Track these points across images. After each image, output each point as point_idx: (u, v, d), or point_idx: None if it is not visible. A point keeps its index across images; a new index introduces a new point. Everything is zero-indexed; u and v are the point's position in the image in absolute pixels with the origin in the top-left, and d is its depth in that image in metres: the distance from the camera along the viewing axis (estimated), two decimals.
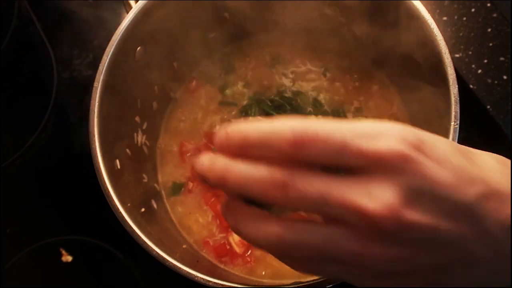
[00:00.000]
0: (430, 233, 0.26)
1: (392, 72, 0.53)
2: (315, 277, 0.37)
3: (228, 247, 0.50)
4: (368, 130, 0.26)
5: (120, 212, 0.40)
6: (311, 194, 0.25)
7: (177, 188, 0.53)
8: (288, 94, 0.55)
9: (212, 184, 0.27)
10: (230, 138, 0.27)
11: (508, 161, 0.29)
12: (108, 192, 0.40)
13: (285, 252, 0.27)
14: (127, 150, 0.48)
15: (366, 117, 0.53)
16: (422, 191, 0.25)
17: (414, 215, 0.25)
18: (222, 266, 0.49)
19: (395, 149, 0.25)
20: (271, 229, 0.26)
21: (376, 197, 0.25)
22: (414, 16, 0.44)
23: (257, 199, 0.26)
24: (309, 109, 0.54)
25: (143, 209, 0.46)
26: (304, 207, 0.26)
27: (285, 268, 0.49)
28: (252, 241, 0.27)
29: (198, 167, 0.28)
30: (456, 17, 0.59)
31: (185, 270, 0.38)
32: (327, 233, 0.26)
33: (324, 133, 0.25)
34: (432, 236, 0.26)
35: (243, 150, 0.27)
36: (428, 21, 0.43)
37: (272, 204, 0.27)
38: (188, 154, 0.54)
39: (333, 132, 0.25)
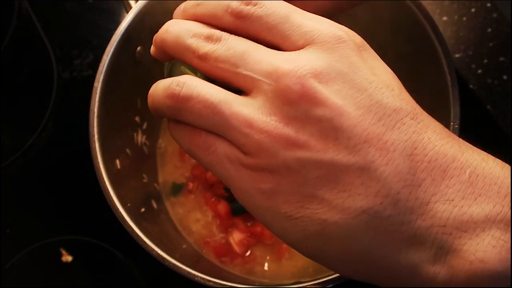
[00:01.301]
0: (334, 117, 0.23)
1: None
2: (315, 278, 0.37)
3: (228, 247, 0.50)
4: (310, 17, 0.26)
5: (120, 212, 0.40)
6: (237, 48, 0.26)
7: (177, 188, 0.53)
8: None
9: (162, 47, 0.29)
10: (185, 9, 0.29)
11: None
12: (108, 192, 0.40)
13: (180, 107, 0.27)
14: (127, 150, 0.48)
15: None
16: (343, 75, 0.24)
17: (323, 90, 0.24)
18: (222, 266, 0.49)
19: (335, 31, 0.26)
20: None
21: (294, 61, 0.24)
22: (413, 15, 0.44)
23: (188, 45, 0.27)
24: None
25: (143, 209, 0.46)
26: (225, 62, 0.26)
27: (285, 268, 0.49)
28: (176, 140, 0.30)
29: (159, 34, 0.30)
30: (456, 17, 0.59)
31: (185, 270, 0.38)
32: (227, 94, 0.26)
33: (265, 12, 0.26)
34: (335, 124, 0.23)
35: (195, 18, 0.28)
36: (428, 21, 0.43)
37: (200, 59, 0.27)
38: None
39: (275, 8, 0.26)
